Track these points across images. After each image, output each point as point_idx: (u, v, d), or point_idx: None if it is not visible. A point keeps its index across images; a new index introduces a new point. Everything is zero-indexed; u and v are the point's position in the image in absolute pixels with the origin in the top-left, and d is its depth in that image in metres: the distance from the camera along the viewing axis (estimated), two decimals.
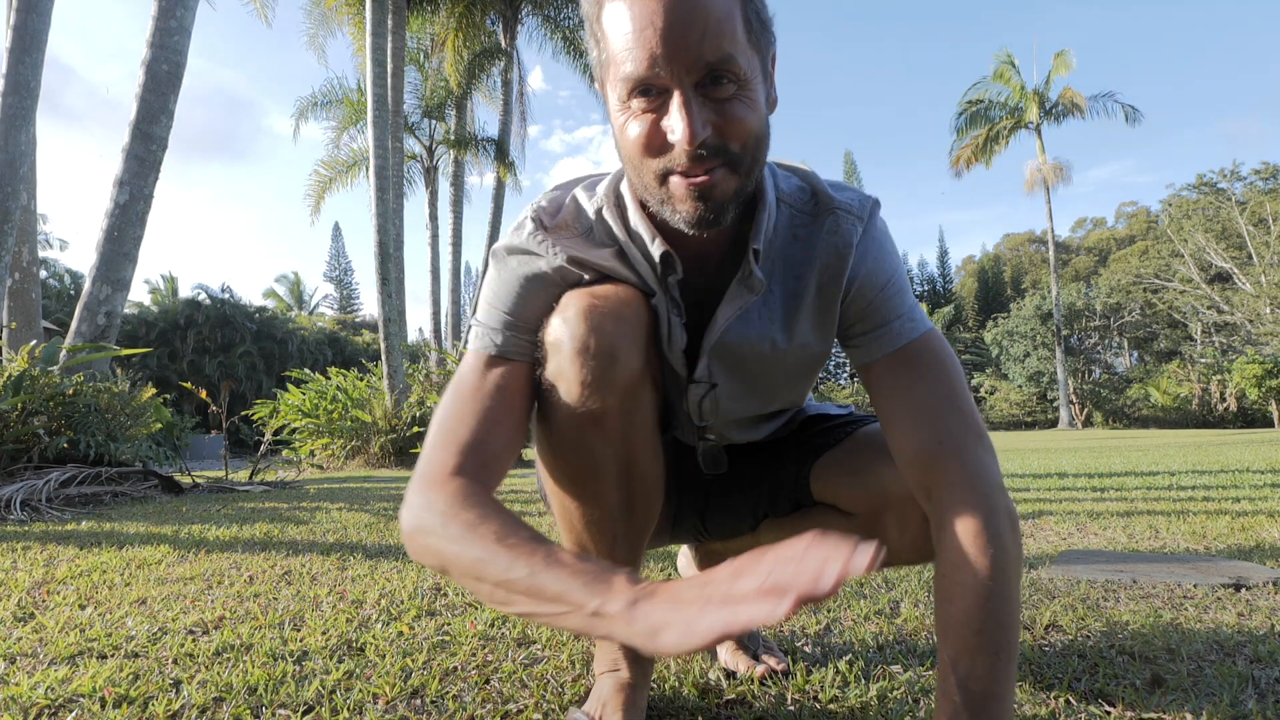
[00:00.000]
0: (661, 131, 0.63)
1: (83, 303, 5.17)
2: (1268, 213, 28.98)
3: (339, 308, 48.13)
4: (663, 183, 0.66)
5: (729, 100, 0.63)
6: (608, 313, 0.71)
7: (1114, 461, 5.58)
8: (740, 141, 0.64)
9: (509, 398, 0.74)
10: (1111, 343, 36.47)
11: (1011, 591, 0.66)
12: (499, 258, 0.77)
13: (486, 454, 0.70)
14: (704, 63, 0.61)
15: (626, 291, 0.74)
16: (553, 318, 0.73)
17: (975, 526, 0.67)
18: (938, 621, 0.67)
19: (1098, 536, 2.19)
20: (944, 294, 49.97)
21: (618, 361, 0.70)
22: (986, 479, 0.70)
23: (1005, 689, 0.63)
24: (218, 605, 1.42)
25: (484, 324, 0.77)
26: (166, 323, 23.14)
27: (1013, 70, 26.14)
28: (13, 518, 2.87)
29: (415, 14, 13.48)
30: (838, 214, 0.77)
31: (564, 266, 0.74)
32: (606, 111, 0.70)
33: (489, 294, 0.78)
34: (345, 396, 8.24)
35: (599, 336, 0.70)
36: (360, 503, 3.45)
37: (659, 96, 0.63)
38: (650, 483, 0.80)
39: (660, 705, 0.93)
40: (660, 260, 0.73)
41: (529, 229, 0.75)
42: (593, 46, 0.68)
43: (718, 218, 0.66)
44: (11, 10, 4.95)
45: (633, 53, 0.61)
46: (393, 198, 8.94)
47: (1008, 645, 0.64)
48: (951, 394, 0.74)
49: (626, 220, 0.76)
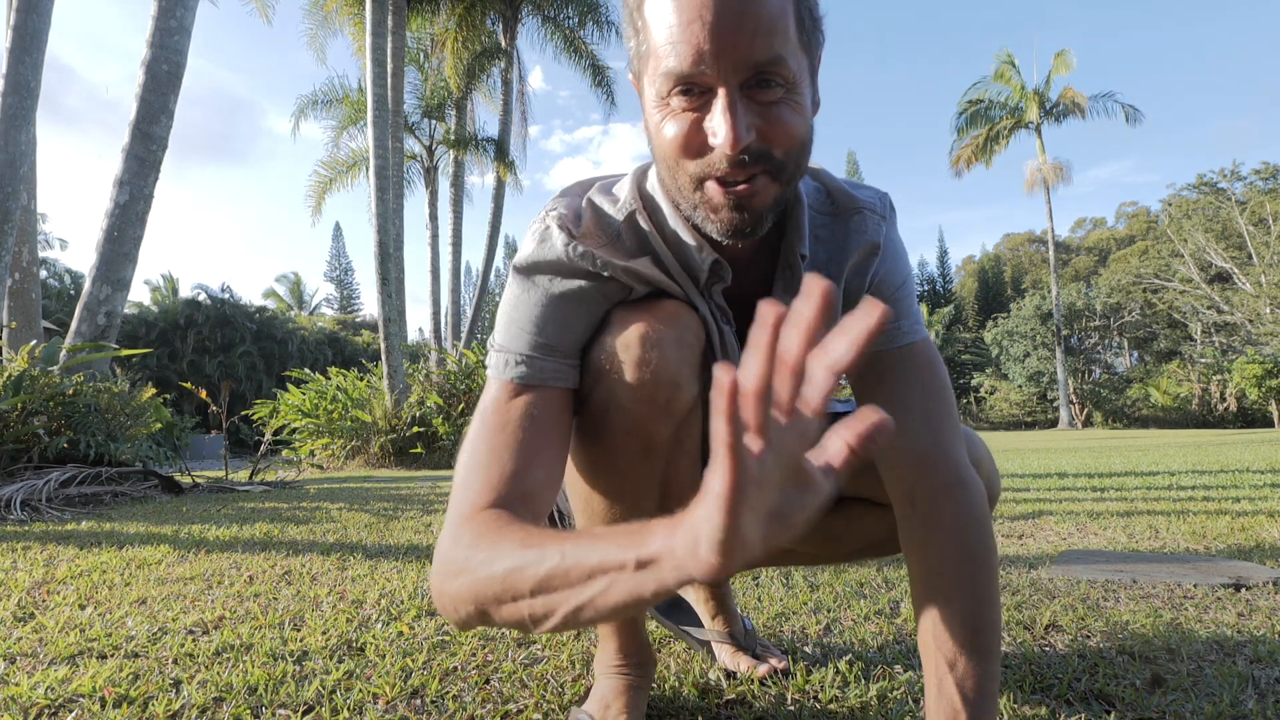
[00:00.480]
0: (702, 133, 0.60)
1: (83, 303, 5.17)
2: (1268, 213, 28.99)
3: (339, 308, 48.17)
4: (698, 187, 0.62)
5: (776, 104, 0.59)
6: (670, 338, 0.66)
7: (1114, 461, 5.58)
8: (785, 148, 0.60)
9: (546, 428, 0.66)
10: (1111, 343, 36.47)
11: (998, 594, 0.68)
12: (525, 275, 0.69)
13: (527, 485, 0.63)
14: (753, 62, 0.57)
15: (681, 310, 0.69)
16: (606, 339, 0.67)
17: (970, 530, 0.68)
18: (928, 621, 0.67)
19: (1098, 536, 2.19)
20: (944, 294, 49.95)
21: (681, 390, 0.67)
22: (977, 485, 0.71)
23: (995, 688, 0.65)
24: (218, 605, 1.42)
25: (509, 350, 0.69)
26: (166, 323, 23.15)
27: (1013, 70, 26.15)
28: (13, 518, 2.87)
29: (415, 14, 13.49)
30: (864, 213, 0.75)
31: (611, 280, 0.68)
32: (641, 105, 0.66)
33: (515, 315, 0.69)
34: (345, 396, 8.25)
35: (664, 365, 0.66)
36: (360, 503, 3.45)
37: (701, 96, 0.59)
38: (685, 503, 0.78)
39: (660, 705, 0.93)
40: (709, 269, 0.69)
41: (560, 239, 0.67)
42: (631, 36, 0.64)
43: (755, 228, 0.63)
44: (11, 10, 4.95)
45: (677, 47, 0.57)
46: (393, 198, 8.94)
47: (997, 645, 0.66)
48: (944, 399, 0.75)
49: (661, 225, 0.71)
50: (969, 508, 0.70)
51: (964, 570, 0.66)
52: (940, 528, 0.69)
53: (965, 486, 0.70)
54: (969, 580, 0.66)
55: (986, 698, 0.62)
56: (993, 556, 0.68)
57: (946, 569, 0.67)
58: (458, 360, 8.93)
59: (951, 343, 37.63)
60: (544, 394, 0.68)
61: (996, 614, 0.66)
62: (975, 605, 0.65)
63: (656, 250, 0.71)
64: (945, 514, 0.69)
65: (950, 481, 0.71)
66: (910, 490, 0.72)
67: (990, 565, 0.68)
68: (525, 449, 0.64)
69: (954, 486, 0.70)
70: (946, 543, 0.68)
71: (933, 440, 0.72)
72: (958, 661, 0.63)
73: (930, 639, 0.65)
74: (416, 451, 7.65)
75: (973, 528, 0.68)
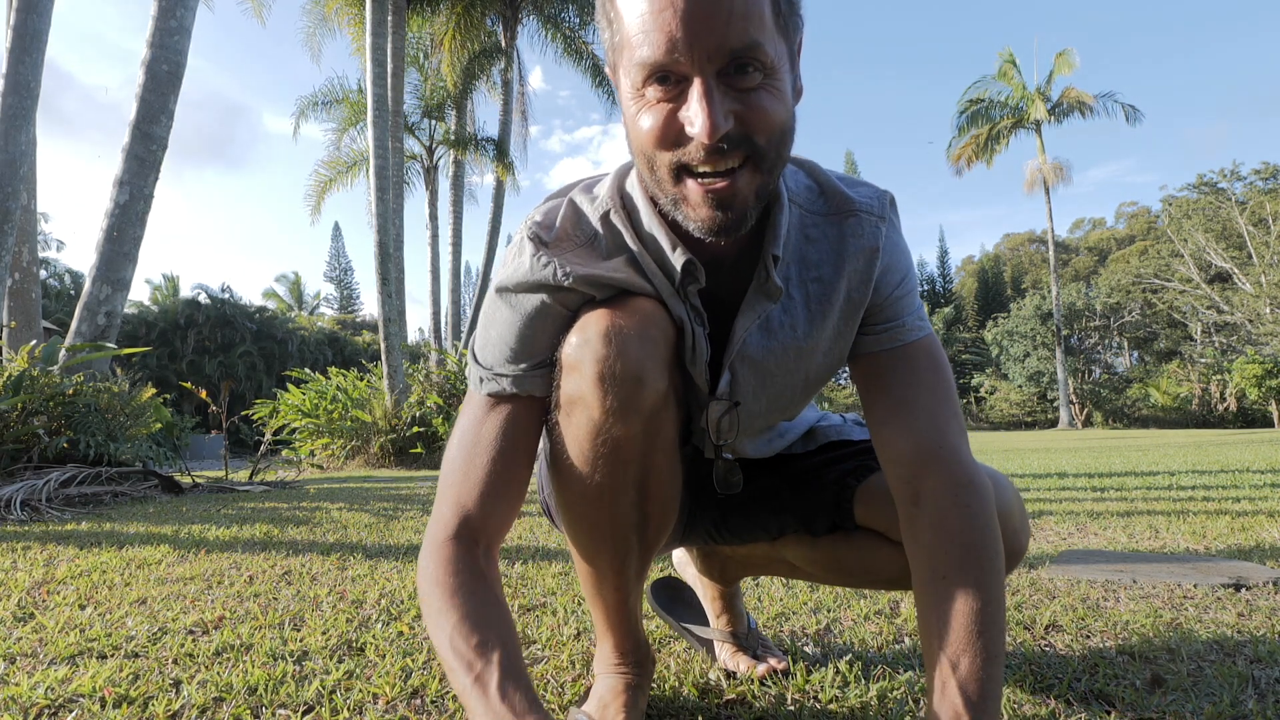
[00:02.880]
0: (678, 123, 0.58)
1: (83, 303, 5.17)
2: (1268, 213, 28.98)
3: (339, 308, 48.16)
4: (677, 180, 0.61)
5: (754, 90, 0.58)
6: (632, 333, 0.66)
7: (1114, 461, 5.58)
8: (765, 135, 0.59)
9: (516, 438, 0.72)
10: (1111, 343, 36.46)
11: (1005, 596, 0.67)
12: (501, 295, 0.71)
13: (488, 507, 0.71)
14: (728, 49, 0.56)
15: (649, 306, 0.69)
16: (571, 336, 0.68)
17: (979, 532, 0.67)
18: (934, 622, 0.66)
19: (1098, 536, 2.19)
20: (944, 294, 49.94)
21: (644, 385, 0.66)
22: (985, 484, 0.70)
23: (999, 689, 0.64)
24: (218, 605, 1.42)
25: (484, 365, 0.73)
26: (166, 323, 23.15)
27: (1014, 69, 26.15)
28: (13, 518, 2.87)
29: (415, 14, 13.48)
30: (860, 216, 0.73)
31: (572, 289, 0.68)
32: (618, 98, 0.64)
33: (490, 333, 0.73)
34: (345, 396, 8.25)
35: (624, 360, 0.65)
36: (360, 503, 3.45)
37: (677, 85, 0.58)
38: (667, 502, 0.78)
39: (660, 705, 0.93)
40: (682, 270, 0.68)
41: (529, 251, 0.69)
42: (605, 27, 0.63)
43: (738, 225, 0.61)
44: (11, 10, 4.95)
45: (650, 36, 0.56)
46: (393, 198, 8.94)
47: (1002, 646, 0.65)
48: (949, 398, 0.74)
49: (637, 224, 0.71)
50: (980, 509, 0.68)
51: (973, 572, 0.66)
52: (948, 529, 0.68)
53: (973, 487, 0.69)
54: (977, 583, 0.65)
55: (990, 699, 0.62)
56: (1000, 559, 0.68)
57: (954, 571, 0.66)
58: (458, 360, 8.92)
59: (951, 343, 37.64)
60: (516, 405, 0.72)
61: (1003, 616, 0.66)
62: (982, 607, 0.64)
63: (632, 250, 0.70)
64: (954, 515, 0.68)
65: (959, 481, 0.69)
66: (916, 489, 0.71)
67: (998, 568, 0.67)
68: (492, 467, 0.71)
69: (962, 487, 0.69)
70: (955, 544, 0.67)
71: (938, 439, 0.71)
72: (962, 662, 0.62)
73: (935, 639, 0.65)
74: (416, 451, 7.65)
75: (981, 530, 0.68)
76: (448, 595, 0.66)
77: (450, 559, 0.68)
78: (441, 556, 0.69)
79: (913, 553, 0.71)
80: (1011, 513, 0.78)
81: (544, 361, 0.71)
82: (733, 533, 0.98)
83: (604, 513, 0.74)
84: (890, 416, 0.73)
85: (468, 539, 0.70)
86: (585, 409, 0.68)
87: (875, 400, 0.76)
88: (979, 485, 0.70)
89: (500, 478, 0.71)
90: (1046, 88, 25.80)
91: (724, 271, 0.72)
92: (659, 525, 0.79)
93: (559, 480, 0.75)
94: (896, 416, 0.73)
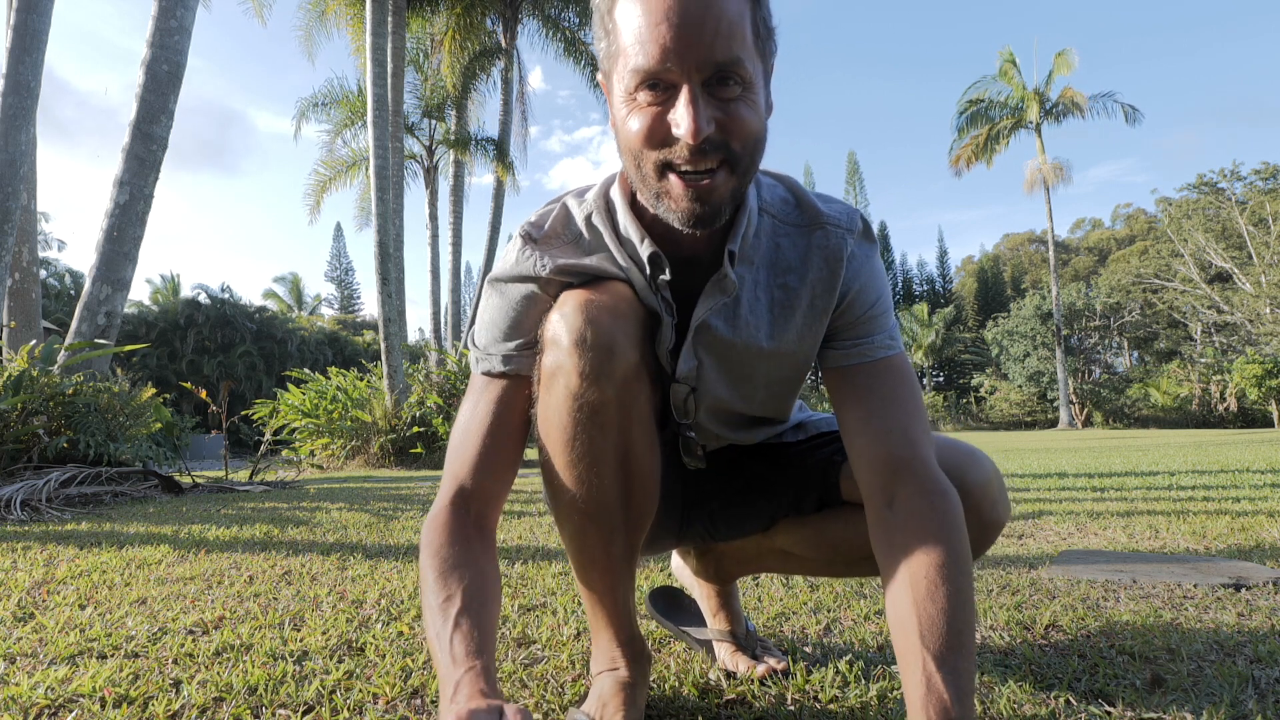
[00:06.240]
0: (666, 124, 0.65)
1: (83, 303, 5.17)
2: (1268, 213, 28.99)
3: (339, 308, 48.19)
4: (661, 176, 0.68)
5: (734, 101, 0.65)
6: (604, 307, 0.73)
7: (1114, 461, 5.58)
8: (741, 141, 0.66)
9: (504, 415, 0.80)
10: (1111, 343, 36.47)
11: (975, 595, 0.72)
12: (493, 285, 0.81)
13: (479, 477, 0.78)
14: (713, 62, 0.63)
15: (621, 288, 0.77)
16: (551, 314, 0.75)
17: (954, 536, 0.71)
18: (916, 621, 0.68)
19: (1098, 536, 2.19)
20: (944, 294, 49.98)
21: (615, 354, 0.72)
22: (954, 493, 0.75)
23: (974, 685, 0.68)
24: (218, 605, 1.42)
25: (481, 347, 0.82)
26: (166, 323, 23.13)
27: (1014, 69, 26.16)
28: (13, 518, 2.87)
29: (415, 14, 13.48)
30: (827, 228, 0.81)
31: (552, 279, 0.77)
32: (609, 103, 0.71)
33: (484, 318, 0.82)
34: (345, 396, 8.24)
35: (596, 329, 0.72)
36: (360, 503, 3.45)
37: (666, 91, 0.65)
38: (647, 476, 0.81)
39: (660, 705, 0.93)
40: (649, 260, 0.76)
41: (518, 247, 0.79)
42: (601, 37, 0.70)
43: (713, 218, 0.68)
44: (11, 10, 4.95)
45: (645, 46, 0.63)
46: (393, 198, 8.94)
47: (974, 643, 0.69)
48: (919, 410, 0.80)
49: (616, 224, 0.78)
50: (954, 515, 0.73)
51: (950, 574, 0.69)
52: (925, 533, 0.71)
53: (947, 495, 0.74)
54: (955, 584, 0.69)
55: (969, 693, 0.66)
56: (970, 563, 0.72)
57: (934, 573, 0.69)
58: (458, 360, 8.92)
59: (951, 343, 37.57)
60: (509, 382, 0.80)
61: (975, 616, 0.70)
62: (959, 607, 0.68)
63: (610, 248, 0.79)
64: (930, 520, 0.72)
65: (932, 489, 0.74)
66: (890, 495, 0.75)
67: (970, 570, 0.71)
68: (487, 439, 0.79)
69: (936, 494, 0.74)
70: (933, 548, 0.70)
71: (911, 450, 0.76)
72: (946, 659, 0.65)
73: (915, 639, 0.67)
74: (416, 451, 7.65)
75: (956, 534, 0.72)
76: (431, 553, 0.74)
77: (443, 524, 0.76)
78: (435, 522, 0.77)
79: (886, 554, 0.74)
80: (989, 484, 0.83)
81: (530, 343, 0.79)
82: (728, 525, 1.03)
83: (586, 485, 0.78)
84: (864, 427, 0.79)
85: (461, 507, 0.77)
86: (564, 376, 0.73)
87: (848, 412, 0.81)
88: (951, 493, 0.75)
89: (490, 450, 0.79)
90: (1046, 88, 25.80)
91: (697, 273, 0.78)
92: (641, 502, 0.81)
93: (544, 455, 0.80)
94: (872, 424, 0.78)
